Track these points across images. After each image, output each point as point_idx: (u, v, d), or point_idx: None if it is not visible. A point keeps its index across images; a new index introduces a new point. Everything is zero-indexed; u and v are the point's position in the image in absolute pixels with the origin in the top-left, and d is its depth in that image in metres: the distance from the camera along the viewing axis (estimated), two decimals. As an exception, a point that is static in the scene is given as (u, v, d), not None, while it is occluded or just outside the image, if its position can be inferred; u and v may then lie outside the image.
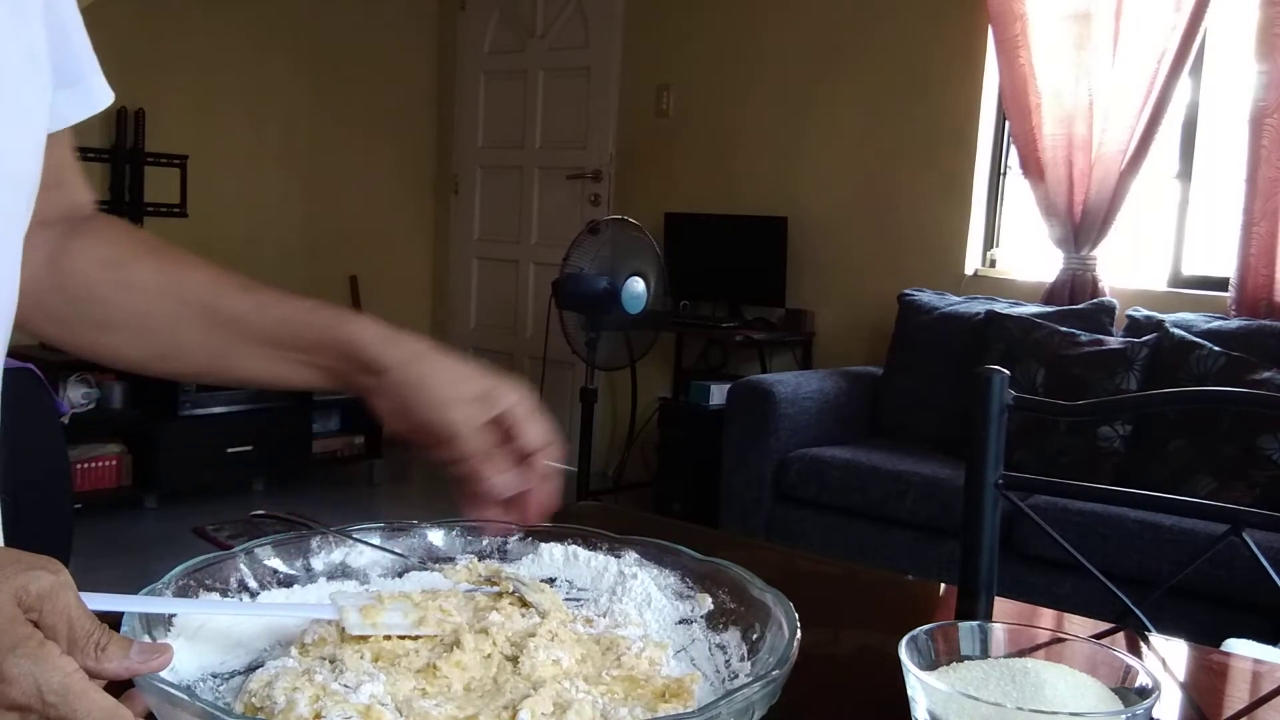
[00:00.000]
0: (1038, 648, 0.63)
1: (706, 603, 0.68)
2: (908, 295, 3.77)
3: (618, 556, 0.73)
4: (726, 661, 0.64)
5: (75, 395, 3.89)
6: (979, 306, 3.57)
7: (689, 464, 3.94)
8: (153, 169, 4.45)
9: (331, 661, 0.58)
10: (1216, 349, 3.01)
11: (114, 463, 4.02)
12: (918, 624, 0.64)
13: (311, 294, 0.75)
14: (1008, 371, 0.94)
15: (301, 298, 0.76)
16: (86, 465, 3.92)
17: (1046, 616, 1.01)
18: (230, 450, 4.17)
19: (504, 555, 0.75)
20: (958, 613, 0.96)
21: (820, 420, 3.51)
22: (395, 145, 5.33)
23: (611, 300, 3.80)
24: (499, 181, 5.30)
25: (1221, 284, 3.40)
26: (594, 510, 1.41)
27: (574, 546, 0.74)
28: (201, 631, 0.61)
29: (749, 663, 0.62)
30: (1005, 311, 3.45)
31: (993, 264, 3.99)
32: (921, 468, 3.17)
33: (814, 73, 4.26)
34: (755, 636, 0.63)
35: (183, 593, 0.62)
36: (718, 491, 3.53)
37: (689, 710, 0.54)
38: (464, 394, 0.72)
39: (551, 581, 0.73)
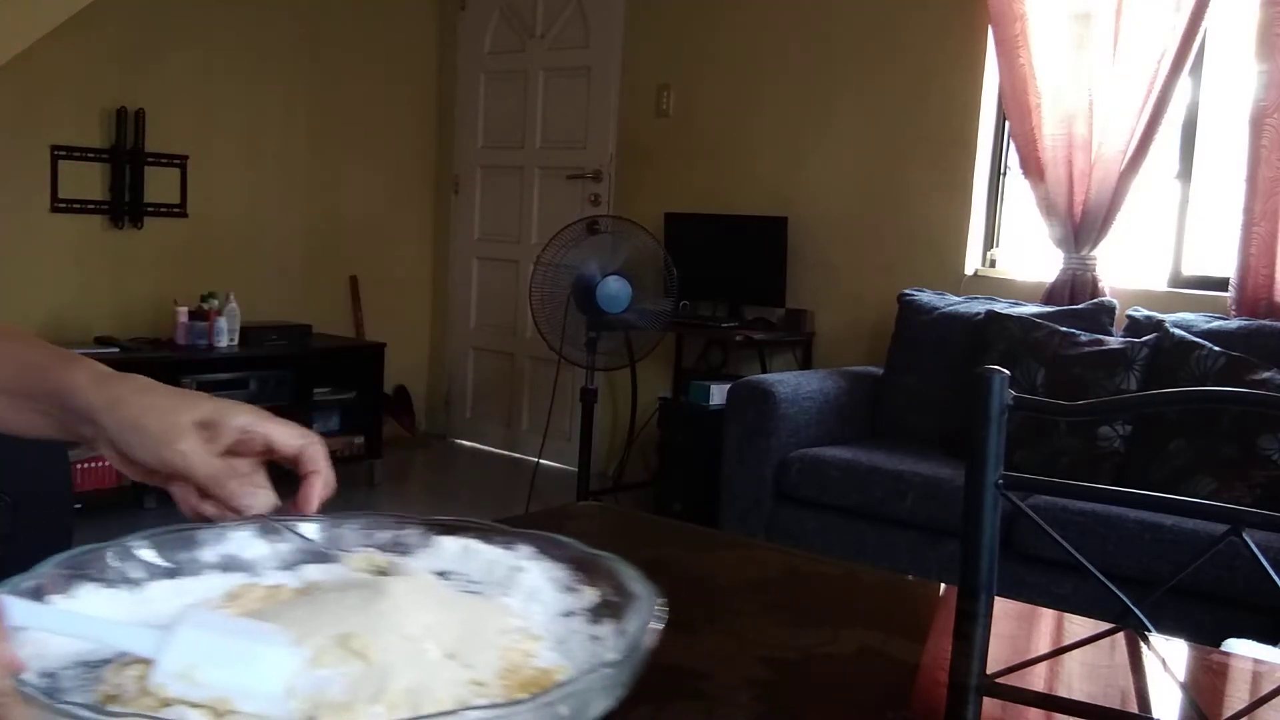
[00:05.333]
0: None
1: (591, 596, 0.69)
2: (908, 295, 3.77)
3: (510, 550, 0.73)
4: (602, 653, 0.65)
5: (75, 395, 3.89)
6: (979, 306, 3.57)
7: (689, 464, 3.94)
8: (153, 169, 4.45)
9: None
10: (1216, 349, 3.01)
11: (114, 463, 4.01)
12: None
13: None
14: (1008, 371, 0.94)
15: (39, 344, 0.74)
16: (86, 465, 3.91)
17: (1047, 616, 1.01)
18: (230, 450, 4.16)
19: (401, 550, 0.75)
20: (958, 613, 0.96)
21: (820, 420, 3.51)
22: (395, 145, 5.33)
23: (587, 299, 3.79)
24: (499, 181, 5.30)
25: (1221, 284, 3.41)
26: (594, 510, 1.41)
27: (470, 540, 0.74)
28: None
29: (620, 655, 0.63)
30: (1005, 311, 3.46)
31: (993, 264, 3.99)
32: (921, 468, 3.17)
33: (814, 73, 4.26)
34: (626, 629, 0.64)
35: (60, 583, 0.61)
36: (718, 491, 3.53)
37: (527, 696, 0.53)
38: (183, 425, 0.69)
39: (445, 575, 0.73)
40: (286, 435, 0.72)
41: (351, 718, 0.53)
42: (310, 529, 0.74)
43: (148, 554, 0.67)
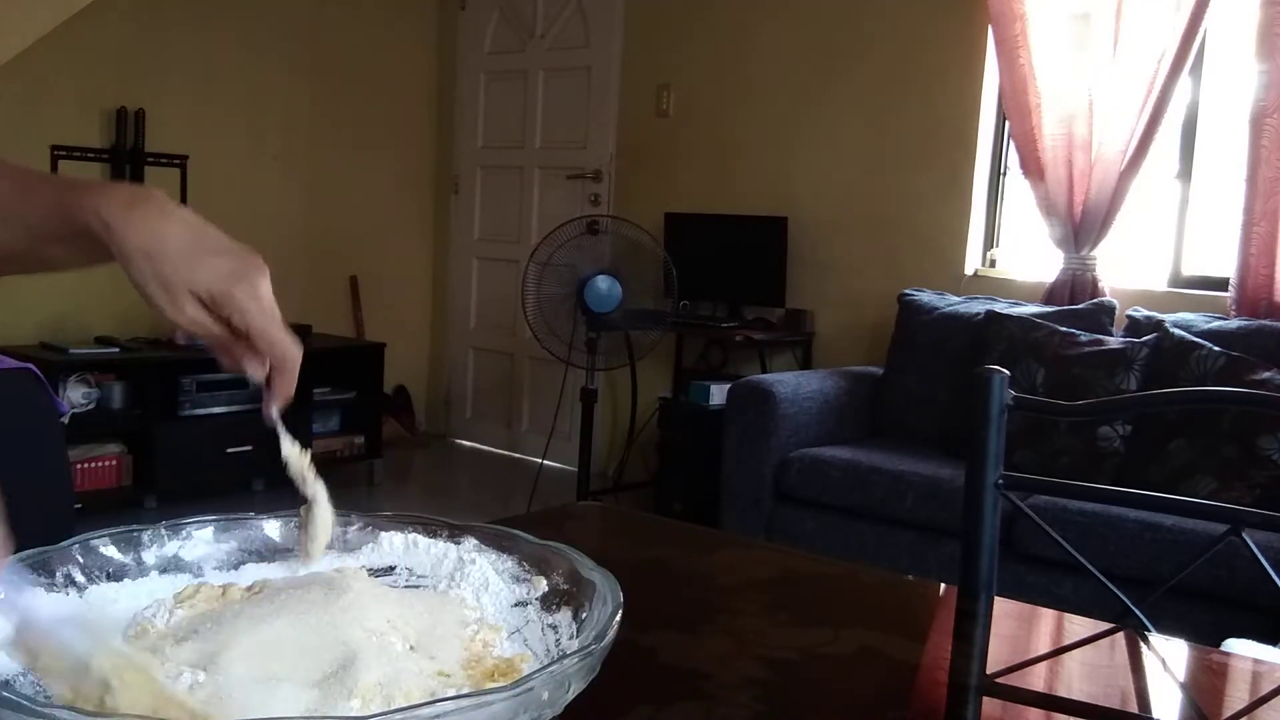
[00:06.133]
0: None
1: (541, 585, 0.70)
2: (908, 295, 3.77)
3: (457, 543, 0.74)
4: (557, 640, 0.65)
5: (75, 395, 3.89)
6: (979, 306, 3.57)
7: (689, 464, 3.94)
8: (153, 169, 4.45)
9: (154, 653, 0.59)
10: (1216, 349, 3.01)
11: (114, 463, 4.01)
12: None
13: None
14: (1008, 371, 0.94)
15: (58, 178, 0.76)
16: (86, 465, 3.92)
17: (1047, 616, 1.01)
18: (230, 450, 4.17)
19: (344, 545, 0.75)
20: (958, 613, 0.96)
21: (820, 420, 3.51)
22: (395, 145, 5.33)
23: (576, 299, 3.80)
24: (499, 181, 5.30)
25: (1221, 284, 3.41)
26: (594, 510, 1.41)
27: (414, 534, 0.75)
28: None
29: (577, 640, 0.63)
30: (1005, 311, 3.45)
31: (993, 264, 3.99)
32: (921, 468, 3.17)
33: (814, 73, 4.26)
34: (585, 615, 0.64)
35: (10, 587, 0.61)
36: (718, 491, 3.52)
37: (506, 684, 0.54)
38: (183, 300, 0.72)
39: (391, 569, 0.73)
40: (270, 344, 0.74)
41: (326, 711, 0.53)
42: (271, 526, 0.76)
43: (91, 557, 0.67)
